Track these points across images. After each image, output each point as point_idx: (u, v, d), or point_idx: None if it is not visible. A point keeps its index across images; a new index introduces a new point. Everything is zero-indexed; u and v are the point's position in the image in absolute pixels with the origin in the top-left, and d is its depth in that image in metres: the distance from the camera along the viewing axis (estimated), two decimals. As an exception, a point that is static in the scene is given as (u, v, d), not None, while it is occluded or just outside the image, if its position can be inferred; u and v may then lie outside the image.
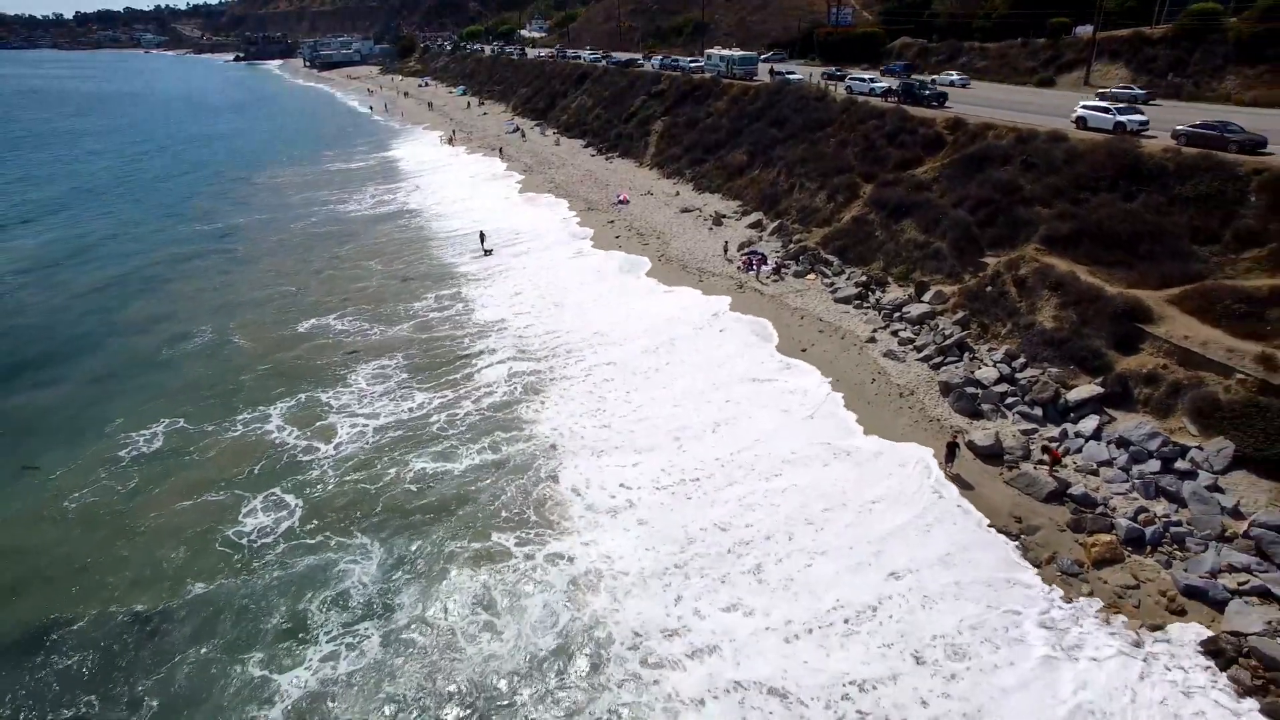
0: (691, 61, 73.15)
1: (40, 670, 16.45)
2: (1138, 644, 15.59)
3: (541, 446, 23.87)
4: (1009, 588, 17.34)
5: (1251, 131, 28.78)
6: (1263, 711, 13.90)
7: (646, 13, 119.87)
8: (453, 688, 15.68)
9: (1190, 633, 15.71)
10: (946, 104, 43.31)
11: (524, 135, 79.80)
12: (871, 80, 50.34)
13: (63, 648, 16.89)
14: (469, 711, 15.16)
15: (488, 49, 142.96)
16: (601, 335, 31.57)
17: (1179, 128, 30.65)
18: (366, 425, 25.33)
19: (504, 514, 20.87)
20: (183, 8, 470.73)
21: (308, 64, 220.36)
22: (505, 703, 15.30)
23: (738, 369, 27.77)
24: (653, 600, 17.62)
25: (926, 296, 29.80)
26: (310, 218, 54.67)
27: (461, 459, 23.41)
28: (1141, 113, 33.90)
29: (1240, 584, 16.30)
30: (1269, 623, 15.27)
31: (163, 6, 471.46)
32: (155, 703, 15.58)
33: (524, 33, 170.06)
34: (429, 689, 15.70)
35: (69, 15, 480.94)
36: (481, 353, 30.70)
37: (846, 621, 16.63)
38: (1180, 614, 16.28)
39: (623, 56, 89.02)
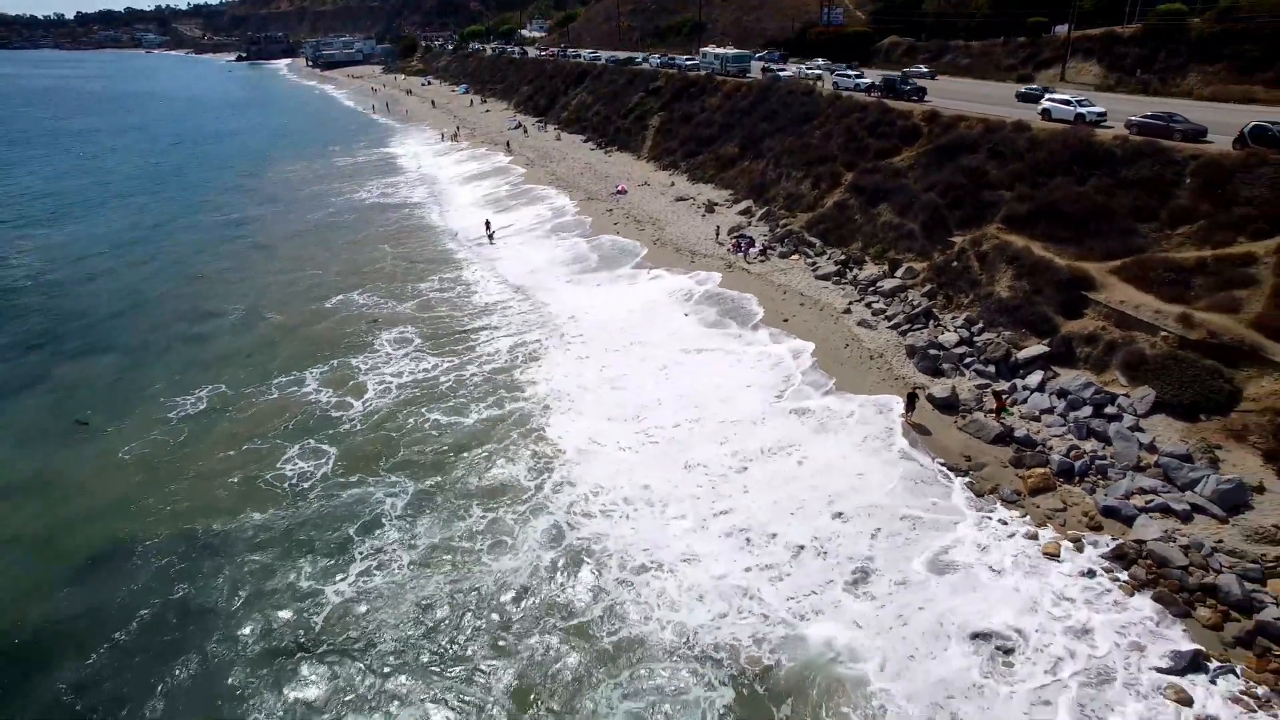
0: (687, 60, 75.82)
1: (133, 571, 19.47)
2: (1057, 554, 18.34)
3: (537, 406, 26.64)
4: (955, 515, 20.07)
5: (1195, 122, 31.50)
6: (1153, 599, 16.71)
7: (645, 12, 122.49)
8: (474, 593, 18.40)
9: (1103, 542, 18.49)
10: (925, 98, 46.01)
11: (526, 131, 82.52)
12: (857, 76, 52.98)
13: (148, 556, 19.85)
14: (490, 610, 17.89)
15: (488, 49, 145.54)
16: (598, 311, 34.29)
17: (1132, 118, 33.35)
18: (390, 383, 28.23)
19: (509, 455, 23.72)
20: (184, 8, 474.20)
21: (310, 64, 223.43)
22: (521, 604, 18.03)
23: (726, 338, 30.55)
24: (636, 526, 20.41)
25: (899, 272, 32.53)
26: (325, 208, 57.49)
27: (471, 413, 26.26)
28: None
29: (1148, 502, 19.04)
30: (1165, 531, 18.06)
31: (164, 7, 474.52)
32: (229, 597, 18.49)
33: (524, 32, 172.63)
34: (454, 595, 18.38)
35: (70, 15, 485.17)
36: (484, 328, 33.49)
37: (802, 548, 19.11)
38: (1098, 529, 19.04)
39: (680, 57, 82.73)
